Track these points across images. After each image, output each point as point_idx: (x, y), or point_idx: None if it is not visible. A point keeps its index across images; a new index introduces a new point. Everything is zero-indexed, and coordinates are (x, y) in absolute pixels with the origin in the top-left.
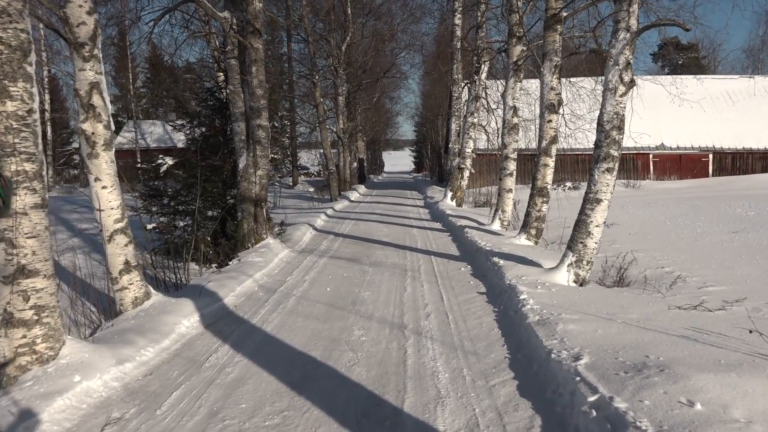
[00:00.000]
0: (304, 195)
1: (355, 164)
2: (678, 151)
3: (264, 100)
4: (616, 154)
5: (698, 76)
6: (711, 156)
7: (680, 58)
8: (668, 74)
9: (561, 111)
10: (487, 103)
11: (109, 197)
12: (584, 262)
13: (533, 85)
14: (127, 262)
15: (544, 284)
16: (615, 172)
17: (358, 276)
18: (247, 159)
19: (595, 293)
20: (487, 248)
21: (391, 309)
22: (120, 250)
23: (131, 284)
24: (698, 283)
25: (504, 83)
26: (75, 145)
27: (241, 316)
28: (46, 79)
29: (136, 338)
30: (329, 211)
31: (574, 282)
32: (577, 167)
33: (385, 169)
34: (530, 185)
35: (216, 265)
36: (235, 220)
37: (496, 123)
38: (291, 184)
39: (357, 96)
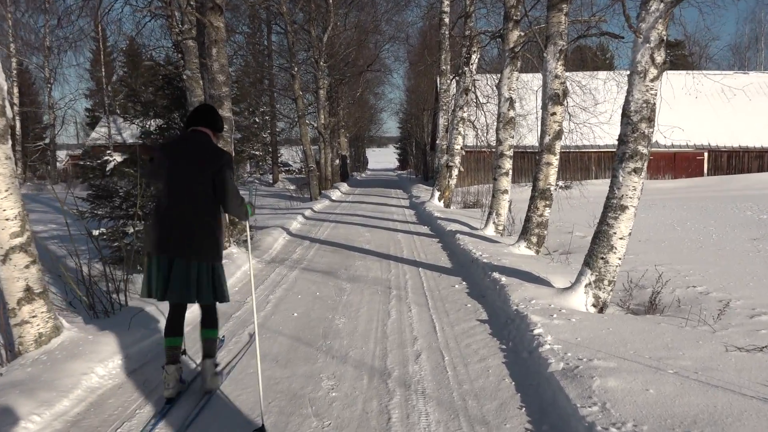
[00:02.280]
0: (283, 193)
1: (337, 161)
2: (672, 149)
3: (226, 87)
4: (645, 151)
5: (691, 72)
6: (706, 154)
7: (668, 56)
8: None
9: (566, 103)
10: (476, 97)
11: (2, 205)
12: (605, 282)
13: (523, 77)
14: (28, 289)
15: (559, 311)
16: (643, 174)
17: (334, 295)
18: None
19: (626, 325)
20: (484, 260)
21: (372, 346)
22: (19, 273)
23: (34, 317)
24: (745, 308)
25: (496, 76)
26: (48, 141)
27: None
28: (15, 72)
29: (19, 401)
30: (307, 212)
31: (593, 306)
32: (569, 165)
33: (369, 166)
34: (522, 185)
35: None
36: None
37: (486, 118)
38: (271, 181)
39: (339, 90)
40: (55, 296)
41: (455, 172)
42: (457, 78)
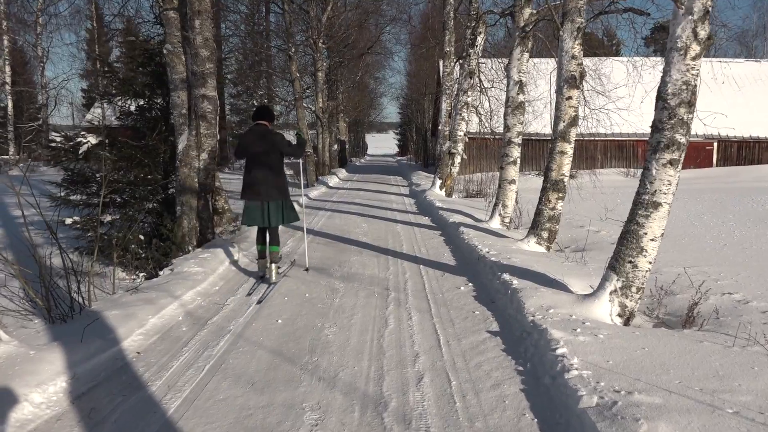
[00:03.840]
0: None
1: (335, 146)
2: None
3: (210, 63)
4: (683, 140)
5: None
6: (715, 144)
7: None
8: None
9: (582, 86)
10: (480, 81)
11: None
12: (633, 290)
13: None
14: None
15: (582, 323)
16: (680, 166)
17: (325, 297)
18: (188, 138)
19: (664, 343)
20: (492, 258)
21: (366, 364)
22: None
23: None
24: None
25: (500, 61)
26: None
27: (139, 376)
28: (7, 50)
29: None
30: (302, 200)
31: (619, 316)
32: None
33: (369, 151)
34: (526, 173)
35: (144, 274)
36: (173, 216)
37: (490, 103)
38: None
39: (339, 73)
40: (15, 296)
41: (458, 159)
42: (460, 61)
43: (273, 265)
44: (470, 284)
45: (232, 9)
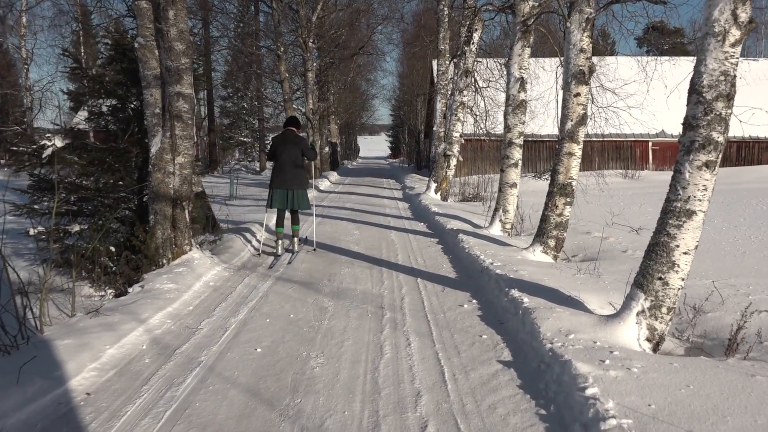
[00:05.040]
0: (268, 183)
1: (327, 149)
2: (678, 139)
3: (186, 58)
4: (720, 139)
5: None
6: None
7: (665, 43)
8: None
9: (591, 82)
10: (475, 81)
11: None
12: (664, 310)
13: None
14: None
15: (610, 352)
16: (717, 169)
17: (312, 319)
18: (162, 140)
19: (709, 378)
20: (497, 270)
21: (357, 408)
22: None
23: None
24: None
25: (496, 60)
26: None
27: (84, 427)
28: None
29: None
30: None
31: (647, 340)
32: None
33: (361, 154)
34: (523, 176)
35: (113, 291)
36: (147, 226)
37: (485, 104)
38: (258, 169)
39: (329, 74)
40: None
41: (453, 162)
42: (455, 60)
43: (295, 239)
44: (474, 301)
45: (219, 9)
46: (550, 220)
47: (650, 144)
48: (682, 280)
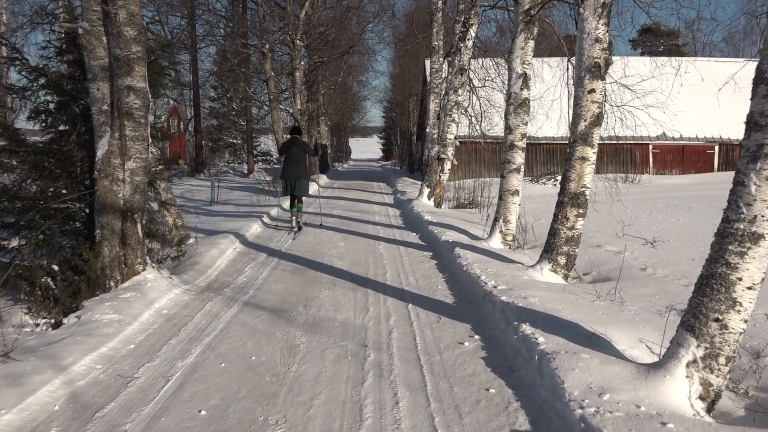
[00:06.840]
0: (255, 186)
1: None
2: (681, 142)
3: (139, 46)
4: None
5: (694, 59)
6: (717, 148)
7: (660, 45)
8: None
9: (606, 78)
10: (470, 80)
11: None
12: (721, 360)
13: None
14: None
15: (663, 424)
16: None
17: (278, 362)
18: (110, 142)
19: None
20: (502, 296)
21: None
22: None
23: None
24: None
25: (492, 59)
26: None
27: None
28: None
29: None
30: (274, 211)
31: (701, 399)
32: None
33: (352, 156)
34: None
35: (48, 321)
36: (91, 242)
37: (480, 104)
38: (246, 172)
39: (319, 74)
40: None
41: (448, 165)
42: (449, 58)
43: (301, 213)
44: (476, 336)
45: (205, 7)
46: (560, 234)
47: (650, 147)
48: (745, 321)
